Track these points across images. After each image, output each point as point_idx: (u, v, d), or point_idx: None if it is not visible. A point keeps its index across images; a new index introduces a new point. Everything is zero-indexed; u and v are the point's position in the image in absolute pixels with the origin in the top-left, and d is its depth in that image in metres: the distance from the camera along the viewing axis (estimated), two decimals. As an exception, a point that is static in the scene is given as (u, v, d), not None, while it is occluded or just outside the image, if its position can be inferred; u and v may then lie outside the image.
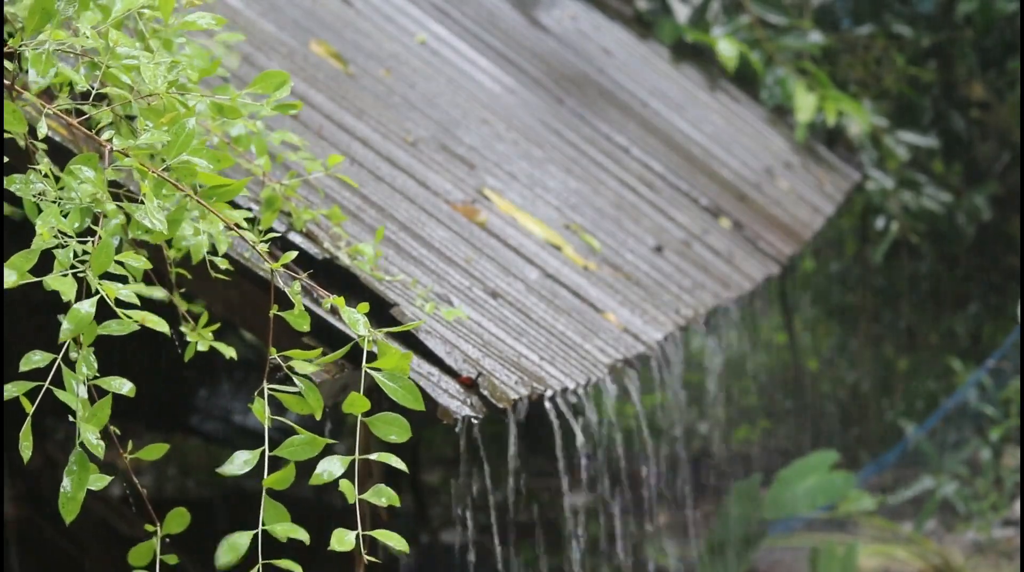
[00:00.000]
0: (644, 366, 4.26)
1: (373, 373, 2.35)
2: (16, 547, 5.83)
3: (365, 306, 2.43)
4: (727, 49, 7.52)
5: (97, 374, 2.29)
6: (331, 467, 2.31)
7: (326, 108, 4.33)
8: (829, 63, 8.30)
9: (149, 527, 2.41)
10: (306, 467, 2.37)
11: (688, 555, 7.17)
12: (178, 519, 2.42)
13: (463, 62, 5.70)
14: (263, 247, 2.48)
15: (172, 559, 2.41)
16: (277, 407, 2.42)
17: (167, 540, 2.42)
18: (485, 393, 3.17)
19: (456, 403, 3.08)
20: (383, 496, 2.34)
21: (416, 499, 7.40)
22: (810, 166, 7.51)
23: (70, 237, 2.28)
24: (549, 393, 3.45)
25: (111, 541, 5.70)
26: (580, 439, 3.70)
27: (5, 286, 2.18)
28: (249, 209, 3.14)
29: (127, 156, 2.34)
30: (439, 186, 4.38)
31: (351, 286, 3.20)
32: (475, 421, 3.10)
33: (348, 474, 2.32)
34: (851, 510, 7.34)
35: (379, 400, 2.38)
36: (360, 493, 2.31)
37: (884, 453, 8.52)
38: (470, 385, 3.17)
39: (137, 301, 2.27)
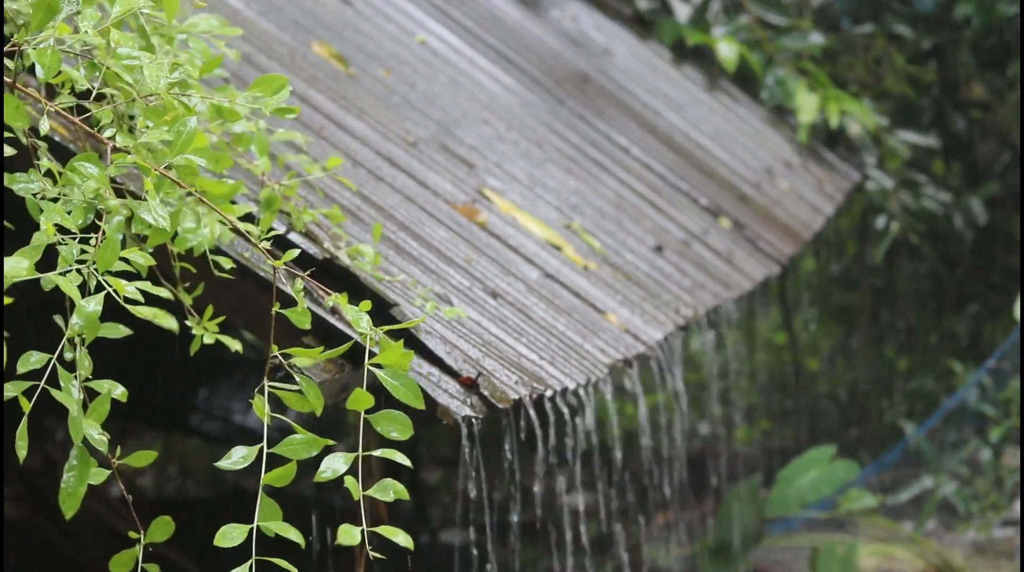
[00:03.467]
0: (644, 366, 4.26)
1: (374, 370, 2.35)
2: (16, 547, 5.83)
3: (367, 304, 2.43)
4: (726, 50, 7.52)
5: (90, 377, 2.28)
6: (335, 464, 2.30)
7: (326, 108, 4.33)
8: (829, 63, 8.29)
9: (133, 534, 2.40)
10: (306, 467, 2.36)
11: (688, 555, 7.17)
12: (162, 528, 2.39)
13: (463, 62, 5.70)
14: (265, 245, 2.48)
15: (154, 568, 2.39)
16: (277, 405, 2.42)
17: (150, 548, 2.39)
18: (485, 393, 3.17)
19: (456, 403, 3.09)
20: (390, 490, 2.32)
21: (416, 499, 7.40)
22: (810, 166, 7.50)
23: (73, 234, 2.27)
24: (549, 393, 3.45)
25: (110, 541, 5.70)
26: (579, 439, 3.70)
27: (15, 279, 2.17)
28: (249, 209, 3.13)
29: (128, 154, 2.34)
30: (439, 186, 4.38)
31: (351, 286, 3.20)
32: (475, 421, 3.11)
33: (351, 472, 2.31)
34: (852, 508, 7.33)
35: (381, 399, 2.37)
36: (362, 492, 2.30)
37: (884, 453, 8.51)
38: (470, 385, 3.17)
39: (142, 298, 2.26)
